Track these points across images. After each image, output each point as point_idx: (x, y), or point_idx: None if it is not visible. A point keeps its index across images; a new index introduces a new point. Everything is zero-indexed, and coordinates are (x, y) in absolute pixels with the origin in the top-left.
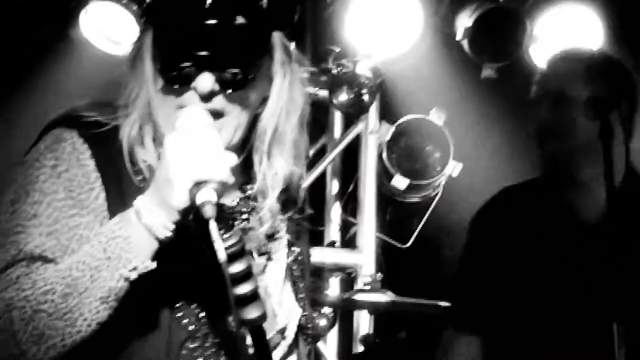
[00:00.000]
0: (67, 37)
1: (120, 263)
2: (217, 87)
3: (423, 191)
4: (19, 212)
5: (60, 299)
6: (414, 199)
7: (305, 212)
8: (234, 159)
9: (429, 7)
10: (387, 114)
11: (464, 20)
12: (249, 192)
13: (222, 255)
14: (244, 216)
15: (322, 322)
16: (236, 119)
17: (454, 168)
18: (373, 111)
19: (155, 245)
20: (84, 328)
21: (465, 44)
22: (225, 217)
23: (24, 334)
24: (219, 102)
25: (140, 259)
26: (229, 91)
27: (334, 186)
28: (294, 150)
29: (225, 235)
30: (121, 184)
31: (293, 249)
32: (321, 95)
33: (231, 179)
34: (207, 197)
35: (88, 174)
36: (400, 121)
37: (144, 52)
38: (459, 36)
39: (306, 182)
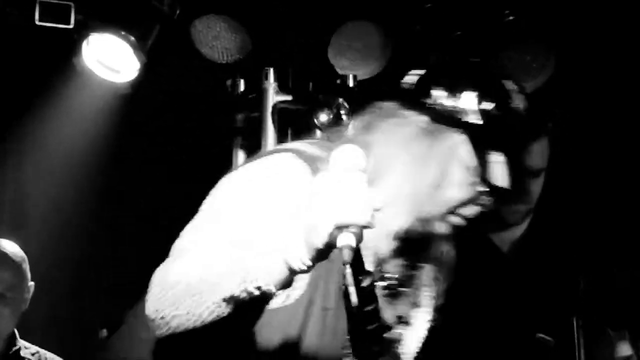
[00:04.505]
0: (71, 66)
1: (249, 276)
2: None
3: None
4: (218, 211)
5: (196, 279)
6: None
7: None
8: (380, 204)
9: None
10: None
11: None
12: (409, 261)
13: (354, 299)
14: (400, 283)
15: None
16: None
17: None
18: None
19: (285, 274)
20: (205, 314)
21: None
22: (362, 264)
23: (167, 295)
24: None
25: (267, 280)
26: None
27: None
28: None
29: (360, 278)
30: None
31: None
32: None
33: (374, 224)
34: (345, 242)
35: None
36: None
37: None
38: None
39: None
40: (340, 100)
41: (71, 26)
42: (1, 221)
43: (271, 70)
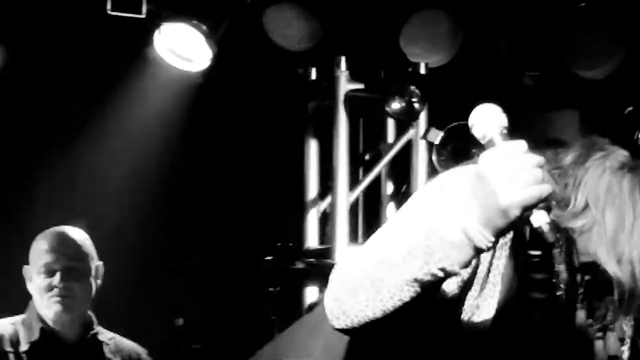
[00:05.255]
0: (143, 56)
1: (432, 259)
2: None
3: None
4: (416, 200)
5: (374, 264)
6: None
7: None
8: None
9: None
10: (436, 120)
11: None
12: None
13: (563, 276)
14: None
15: None
16: None
17: None
18: (423, 118)
19: (470, 254)
20: (386, 299)
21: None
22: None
23: (345, 282)
24: None
25: (451, 261)
26: None
27: (388, 187)
28: None
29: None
30: None
31: None
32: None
33: (553, 187)
34: (542, 221)
35: None
36: (448, 127)
37: None
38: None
39: (363, 184)
40: (412, 88)
41: (143, 16)
42: (74, 209)
43: (343, 58)
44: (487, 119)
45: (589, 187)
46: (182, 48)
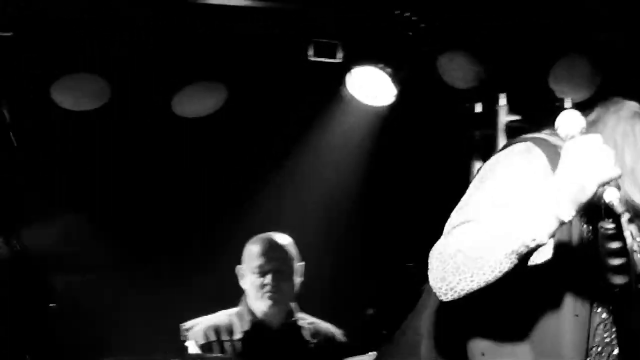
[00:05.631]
0: (339, 94)
1: (525, 232)
2: None
3: None
4: (482, 188)
5: (475, 244)
6: None
7: None
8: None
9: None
10: None
11: None
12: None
13: (630, 243)
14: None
15: None
16: None
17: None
18: None
19: (555, 226)
20: (488, 272)
21: None
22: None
23: (448, 265)
24: None
25: (540, 234)
26: None
27: None
28: None
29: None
30: None
31: None
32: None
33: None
34: (613, 195)
35: (542, 177)
36: None
37: None
38: None
39: None
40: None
41: (339, 60)
42: (282, 215)
43: (503, 95)
44: (570, 122)
45: (607, 135)
46: (371, 87)
